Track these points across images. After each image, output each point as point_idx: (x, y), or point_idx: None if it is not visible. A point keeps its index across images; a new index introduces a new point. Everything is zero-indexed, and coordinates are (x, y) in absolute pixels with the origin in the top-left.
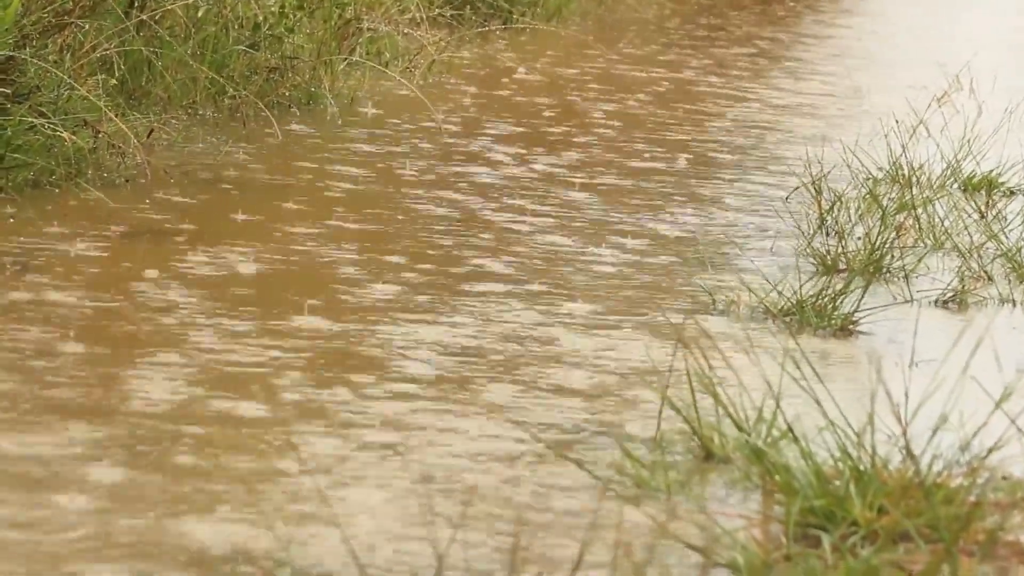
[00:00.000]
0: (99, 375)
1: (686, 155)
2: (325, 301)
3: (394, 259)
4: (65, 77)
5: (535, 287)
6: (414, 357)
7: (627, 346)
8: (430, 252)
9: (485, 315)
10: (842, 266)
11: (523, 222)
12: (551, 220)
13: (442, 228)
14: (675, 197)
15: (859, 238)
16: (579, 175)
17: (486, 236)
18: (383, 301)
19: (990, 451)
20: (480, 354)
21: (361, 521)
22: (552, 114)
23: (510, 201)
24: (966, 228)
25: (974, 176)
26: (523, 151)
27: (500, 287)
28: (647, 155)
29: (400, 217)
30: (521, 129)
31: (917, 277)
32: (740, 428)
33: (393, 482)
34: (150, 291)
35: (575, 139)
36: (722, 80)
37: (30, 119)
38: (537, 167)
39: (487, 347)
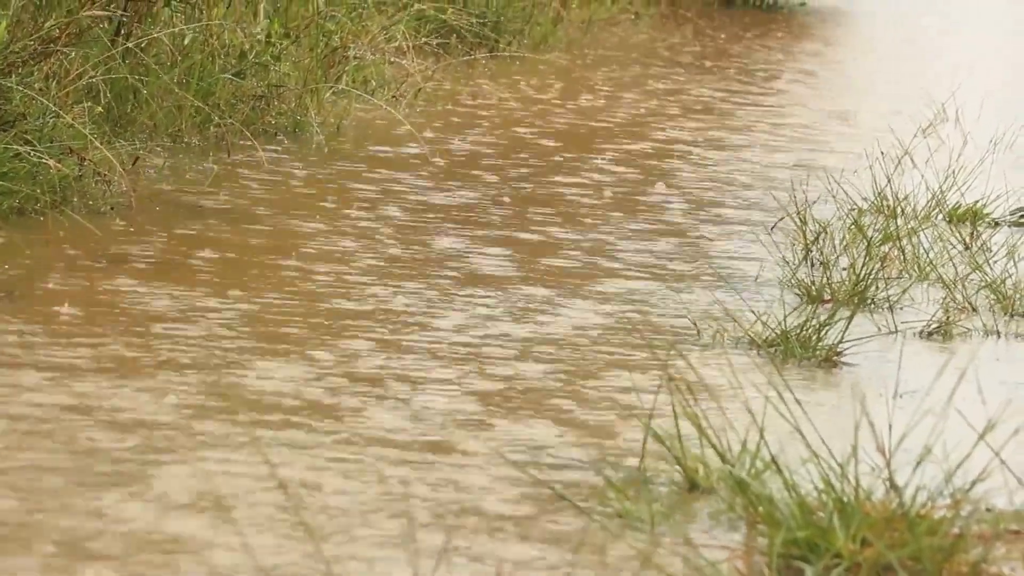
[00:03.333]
0: (87, 404)
1: (668, 185)
2: (307, 332)
3: (376, 291)
4: (50, 105)
5: (512, 319)
6: (395, 394)
7: (611, 376)
8: (414, 281)
9: (462, 345)
10: (827, 297)
11: (502, 254)
12: (530, 250)
13: (429, 263)
14: (658, 227)
15: (844, 269)
16: (561, 205)
17: (471, 266)
18: (370, 331)
19: (974, 483)
20: (460, 385)
21: (340, 543)
22: (537, 142)
23: (496, 233)
24: (951, 259)
25: (959, 207)
26: (507, 182)
27: (478, 317)
28: (630, 185)
29: (385, 248)
30: (505, 160)
31: (902, 308)
32: (724, 459)
33: (373, 510)
34: (135, 319)
35: (559, 169)
36: (706, 109)
37: (15, 147)
38: (519, 196)
39: (466, 379)
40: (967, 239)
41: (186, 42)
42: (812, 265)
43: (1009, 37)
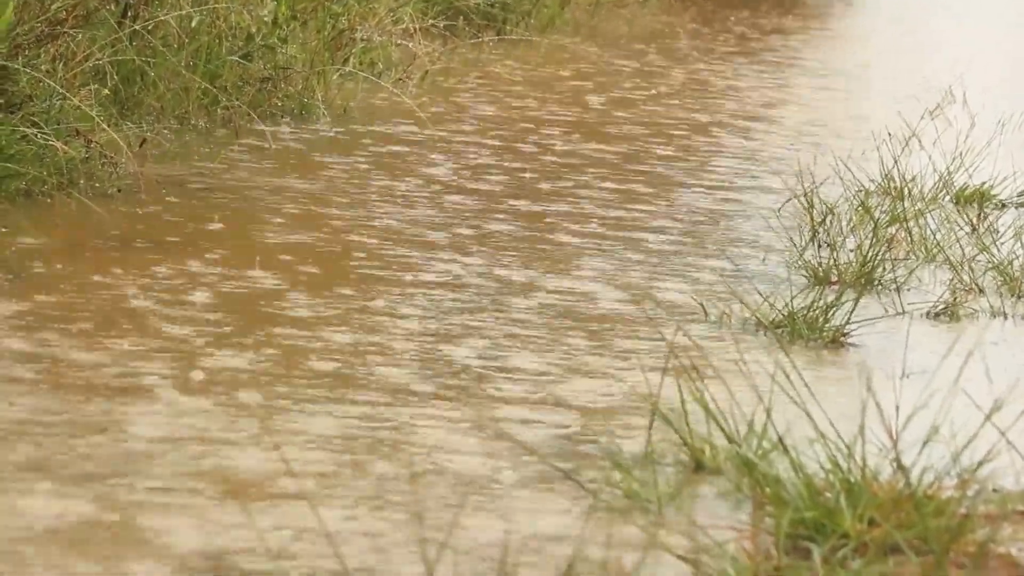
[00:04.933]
0: (91, 388)
1: (678, 168)
2: (314, 312)
3: (381, 273)
4: (57, 87)
5: (517, 299)
6: (401, 368)
7: (617, 355)
8: (419, 267)
9: (466, 331)
10: (834, 278)
11: (507, 233)
12: (531, 229)
13: (431, 244)
14: (666, 209)
15: (851, 250)
16: (565, 187)
17: (473, 245)
18: (370, 315)
19: (980, 463)
20: (464, 365)
21: (348, 526)
22: (543, 124)
23: (502, 212)
24: (958, 240)
25: (966, 188)
26: (514, 162)
27: (478, 300)
28: (638, 167)
29: (392, 229)
30: (512, 140)
31: (908, 289)
32: (731, 440)
33: (381, 493)
34: (143, 301)
35: (565, 148)
36: (712, 93)
37: (22, 129)
38: (526, 176)
39: (470, 360)
40: (974, 220)
41: (193, 24)
42: (819, 247)
43: (1011, 30)
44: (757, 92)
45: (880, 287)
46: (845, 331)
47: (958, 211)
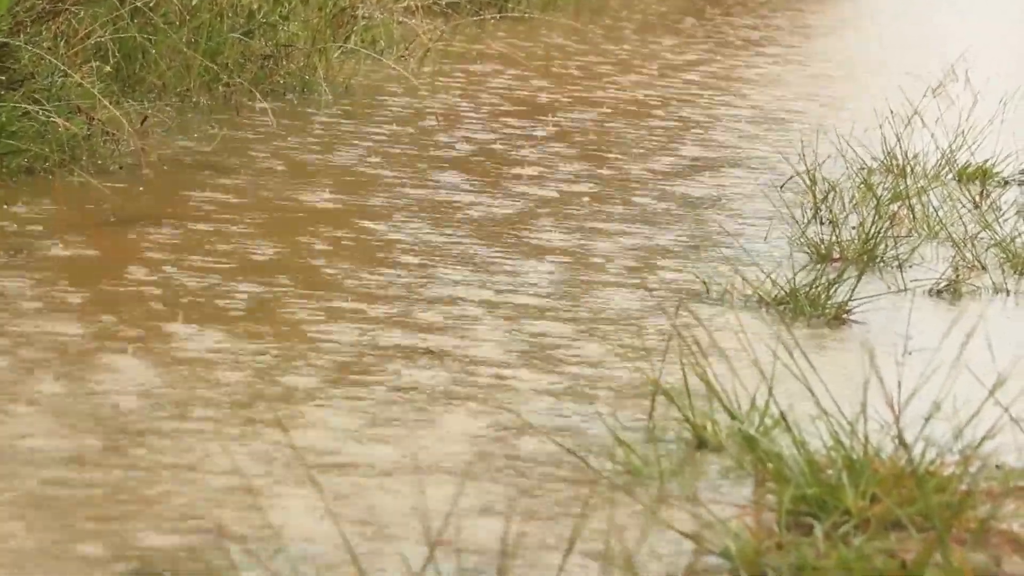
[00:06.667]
0: (90, 365)
1: (680, 145)
2: (317, 288)
3: (381, 254)
4: (59, 64)
5: (520, 275)
6: (403, 348)
7: (619, 331)
8: (417, 247)
9: (466, 304)
10: (836, 255)
11: (506, 209)
12: (532, 205)
13: (437, 215)
14: (670, 185)
15: (853, 227)
16: (570, 164)
17: (470, 227)
18: (374, 291)
19: (983, 440)
20: (467, 342)
21: (350, 502)
22: (544, 101)
23: (501, 193)
24: (960, 218)
25: (968, 166)
26: (515, 139)
27: (483, 276)
28: (640, 143)
29: (390, 206)
30: (513, 116)
31: (911, 266)
32: (733, 416)
33: (382, 463)
34: (143, 277)
35: (565, 123)
36: (715, 71)
37: (24, 106)
38: (526, 153)
39: (473, 336)
40: (976, 198)
41: (194, 2)
42: (821, 224)
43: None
44: (758, 70)
45: (882, 264)
46: (847, 308)
47: (960, 188)
